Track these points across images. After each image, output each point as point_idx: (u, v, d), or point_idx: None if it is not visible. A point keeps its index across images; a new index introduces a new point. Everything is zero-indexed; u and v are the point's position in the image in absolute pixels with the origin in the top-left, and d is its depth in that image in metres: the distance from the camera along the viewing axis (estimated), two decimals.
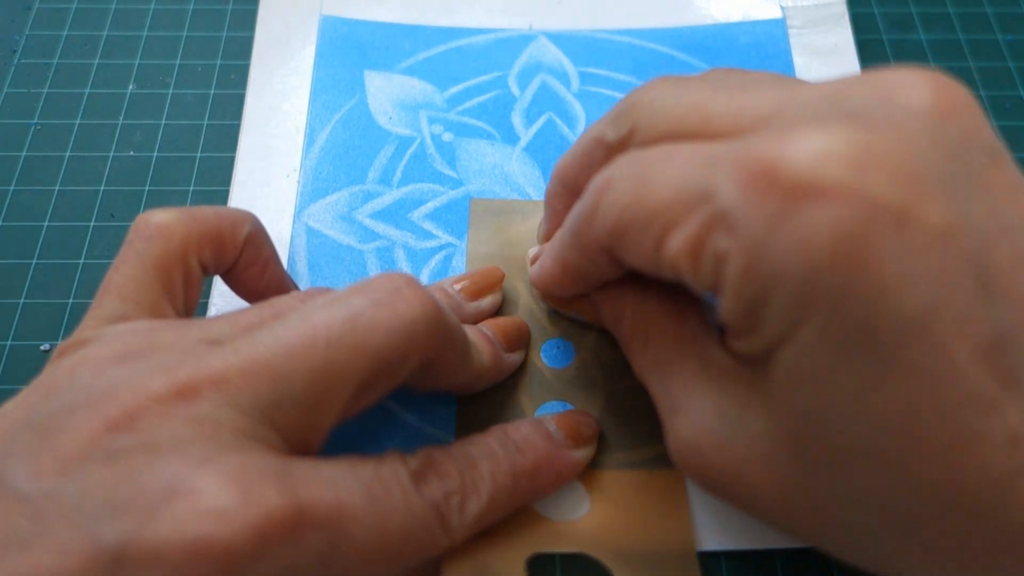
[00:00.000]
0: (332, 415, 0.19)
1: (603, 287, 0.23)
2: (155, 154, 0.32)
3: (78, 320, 0.21)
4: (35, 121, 0.33)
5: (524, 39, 0.34)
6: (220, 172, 0.31)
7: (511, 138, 0.32)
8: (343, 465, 0.18)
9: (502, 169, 0.31)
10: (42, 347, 0.27)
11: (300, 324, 0.18)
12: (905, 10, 0.36)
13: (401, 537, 0.18)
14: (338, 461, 0.19)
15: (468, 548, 0.21)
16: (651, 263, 0.18)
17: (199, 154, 0.32)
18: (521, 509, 0.23)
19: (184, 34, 0.35)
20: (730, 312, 0.17)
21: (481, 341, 0.24)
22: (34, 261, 0.29)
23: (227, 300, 0.25)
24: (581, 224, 0.20)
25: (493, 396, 0.26)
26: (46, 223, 0.30)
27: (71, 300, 0.28)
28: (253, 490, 0.16)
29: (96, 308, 0.21)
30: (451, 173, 0.31)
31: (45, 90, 0.33)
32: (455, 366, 0.22)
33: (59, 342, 0.28)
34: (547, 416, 0.24)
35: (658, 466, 0.25)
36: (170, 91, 0.33)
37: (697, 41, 0.34)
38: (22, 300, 0.28)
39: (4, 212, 0.30)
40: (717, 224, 0.16)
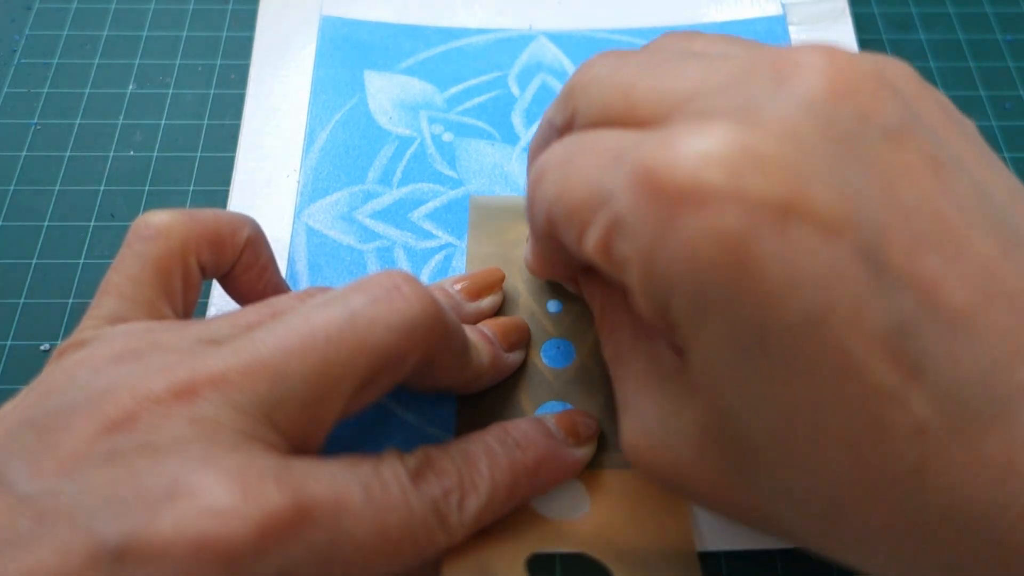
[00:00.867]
0: (332, 414, 0.19)
1: (584, 272, 0.23)
2: (155, 154, 0.32)
3: (78, 320, 0.21)
4: (35, 121, 0.33)
5: (524, 39, 0.34)
6: (220, 172, 0.31)
7: (511, 138, 0.32)
8: (342, 464, 0.18)
9: (502, 169, 0.31)
10: (42, 347, 0.27)
11: (299, 323, 0.18)
12: (905, 10, 0.36)
13: (400, 535, 0.18)
14: (337, 460, 0.19)
15: (468, 547, 0.21)
16: (581, 256, 0.18)
17: (199, 154, 0.32)
18: (521, 508, 0.23)
19: (184, 34, 0.35)
20: (642, 312, 0.17)
21: (480, 341, 0.24)
22: (34, 261, 0.29)
23: (227, 300, 0.25)
24: (527, 212, 0.21)
25: (493, 396, 0.26)
26: (46, 223, 0.30)
27: (71, 300, 0.28)
28: (254, 489, 0.16)
29: (95, 308, 0.21)
30: (451, 173, 0.31)
31: (45, 90, 0.33)
32: (454, 365, 0.22)
33: (59, 342, 0.28)
34: (547, 415, 0.24)
35: None
36: (170, 91, 0.33)
37: None
38: (22, 300, 0.28)
39: (4, 212, 0.30)
40: (616, 228, 0.16)
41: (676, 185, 0.15)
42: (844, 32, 0.34)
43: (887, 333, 0.14)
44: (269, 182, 0.30)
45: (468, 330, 0.24)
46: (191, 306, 0.23)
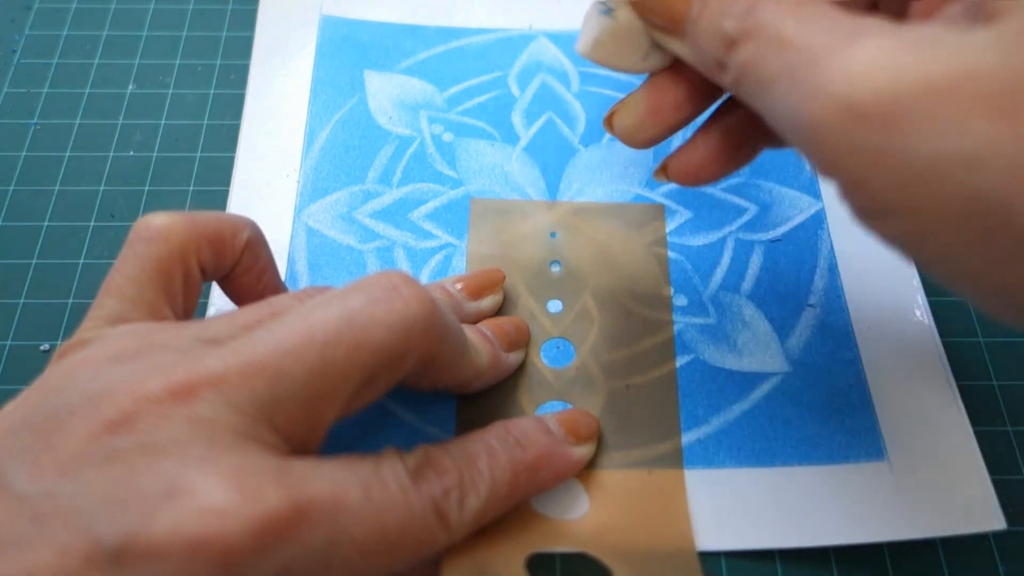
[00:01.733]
0: (330, 414, 0.19)
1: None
2: (155, 154, 0.32)
3: (78, 320, 0.21)
4: (35, 121, 0.33)
5: (524, 39, 0.34)
6: (220, 172, 0.31)
7: (511, 138, 0.32)
8: (341, 463, 0.18)
9: (502, 169, 0.31)
10: (42, 347, 0.27)
11: (297, 323, 0.18)
12: None
13: (400, 534, 0.18)
14: (336, 460, 0.19)
15: (468, 547, 0.21)
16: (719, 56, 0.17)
17: (199, 154, 0.32)
18: (521, 508, 0.23)
19: (184, 34, 0.35)
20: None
21: (480, 341, 0.24)
22: (34, 261, 0.29)
23: (227, 300, 0.25)
24: None
25: (493, 396, 0.26)
26: (46, 223, 0.30)
27: (71, 300, 0.28)
28: (251, 489, 0.16)
29: (96, 309, 0.21)
30: (451, 173, 0.31)
31: (45, 90, 0.33)
32: (453, 364, 0.22)
33: (59, 342, 0.28)
34: (547, 414, 0.24)
35: (658, 466, 0.25)
36: (170, 91, 0.33)
37: None
38: (22, 300, 0.28)
39: (4, 212, 0.30)
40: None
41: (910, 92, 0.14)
42: None
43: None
44: (269, 182, 0.30)
45: (467, 330, 0.24)
46: (191, 307, 0.23)
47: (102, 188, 0.31)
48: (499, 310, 0.27)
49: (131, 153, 0.32)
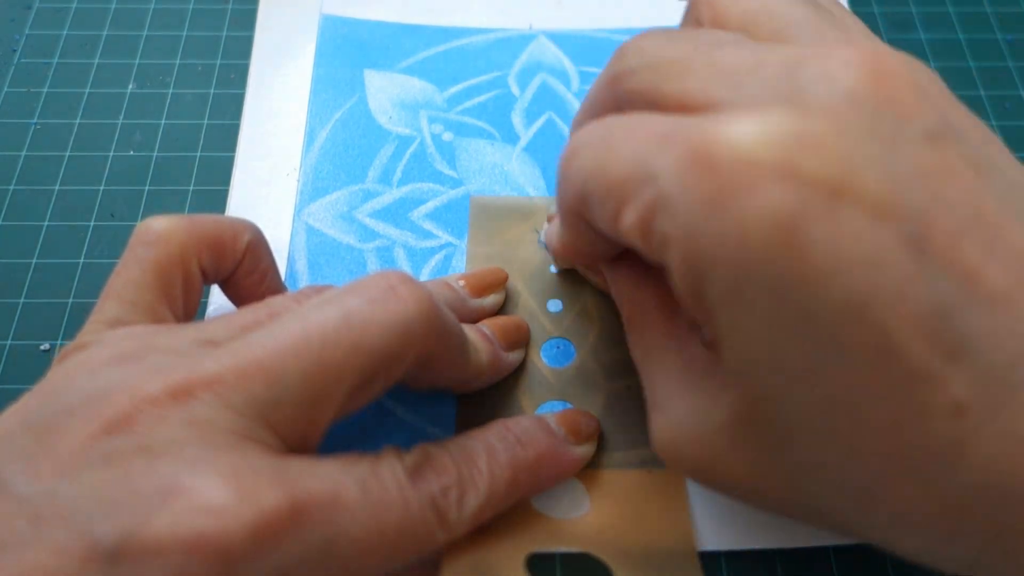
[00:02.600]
0: (328, 414, 0.19)
1: (610, 264, 0.23)
2: (155, 154, 0.32)
3: (78, 320, 0.21)
4: (35, 121, 0.33)
5: (524, 39, 0.34)
6: (220, 172, 0.31)
7: (511, 138, 0.32)
8: (339, 462, 0.18)
9: (502, 169, 0.31)
10: (42, 347, 0.27)
11: (295, 324, 0.18)
12: (905, 10, 0.36)
13: (398, 533, 0.18)
14: (334, 459, 0.19)
15: (467, 546, 0.21)
16: (615, 235, 0.18)
17: (199, 154, 0.32)
18: (521, 507, 0.23)
19: (184, 34, 0.35)
20: (680, 295, 0.17)
21: (479, 340, 0.24)
22: (34, 261, 0.29)
23: (227, 300, 0.25)
24: (557, 189, 0.21)
25: (493, 395, 0.26)
26: (46, 223, 0.30)
27: (71, 300, 0.28)
28: (249, 488, 0.16)
29: (97, 313, 0.21)
30: (451, 173, 0.31)
31: (45, 90, 0.33)
32: (452, 364, 0.22)
33: (59, 342, 0.28)
34: (547, 414, 0.24)
35: (658, 466, 0.24)
36: (170, 91, 0.33)
37: None
38: (22, 300, 0.28)
39: (4, 212, 0.30)
40: (660, 207, 0.16)
41: (730, 164, 0.15)
42: None
43: (928, 316, 0.14)
44: (269, 181, 0.30)
45: (467, 329, 0.24)
46: (192, 311, 0.23)
47: (102, 188, 0.31)
48: (499, 310, 0.27)
49: (131, 153, 0.32)
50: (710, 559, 0.23)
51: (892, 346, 0.14)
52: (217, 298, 0.27)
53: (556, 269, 0.28)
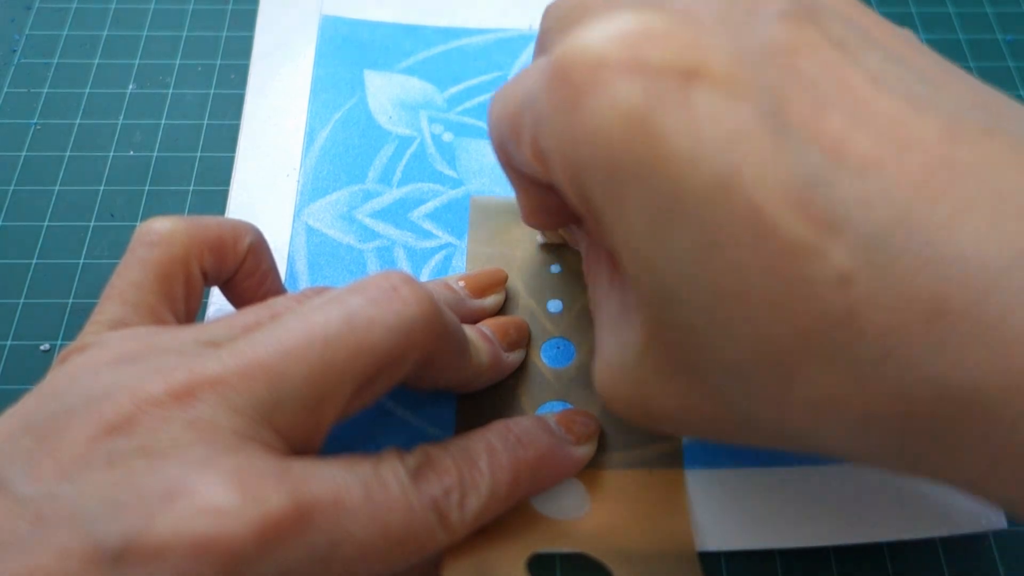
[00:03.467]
0: (331, 415, 0.19)
1: (576, 225, 0.23)
2: (155, 154, 0.32)
3: (78, 320, 0.21)
4: (35, 121, 0.33)
5: (524, 39, 0.34)
6: (220, 172, 0.31)
7: None
8: (342, 464, 0.18)
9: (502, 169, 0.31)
10: (42, 347, 0.27)
11: (297, 324, 0.18)
12: (905, 10, 0.36)
13: (401, 534, 0.18)
14: (337, 460, 0.19)
15: (468, 547, 0.21)
16: (529, 171, 0.19)
17: (199, 154, 0.32)
18: (522, 508, 0.23)
19: (184, 34, 0.35)
20: (577, 211, 0.18)
21: (480, 340, 0.24)
22: (34, 261, 0.29)
23: (227, 302, 0.25)
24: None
25: (493, 395, 0.26)
26: (46, 223, 0.30)
27: (71, 300, 0.28)
28: (252, 490, 0.16)
29: (98, 314, 0.21)
30: (451, 173, 0.31)
31: (45, 90, 0.33)
32: (453, 364, 0.22)
33: (59, 342, 0.28)
34: (548, 414, 0.24)
35: (658, 466, 0.25)
36: (170, 91, 0.33)
37: None
38: (22, 300, 0.28)
39: (4, 212, 0.30)
40: (539, 125, 0.17)
41: (578, 66, 0.15)
42: None
43: (797, 189, 0.14)
44: (269, 181, 0.30)
45: (468, 329, 0.24)
46: (193, 312, 0.23)
47: (102, 188, 0.31)
48: (500, 310, 0.27)
49: (131, 153, 0.32)
50: (710, 559, 0.23)
51: (764, 222, 0.14)
52: (217, 299, 0.27)
53: (542, 240, 0.28)
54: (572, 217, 0.23)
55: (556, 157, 0.17)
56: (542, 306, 0.28)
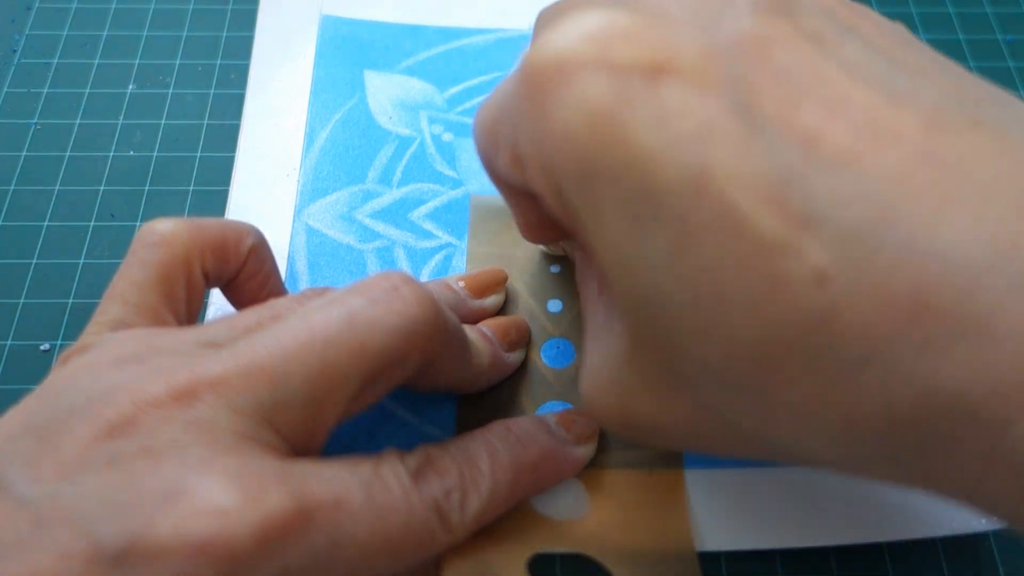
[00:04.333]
0: (332, 415, 0.19)
1: (569, 238, 0.23)
2: (155, 154, 0.32)
3: (78, 320, 0.21)
4: (35, 121, 0.33)
5: (524, 39, 0.34)
6: (220, 172, 0.31)
7: None
8: (342, 465, 0.18)
9: None
10: (42, 347, 0.27)
11: (298, 325, 0.18)
12: (905, 10, 0.36)
13: (401, 535, 0.18)
14: (338, 461, 0.19)
15: (469, 548, 0.21)
16: (514, 182, 0.19)
17: (199, 154, 0.32)
18: (522, 508, 0.23)
19: (184, 34, 0.35)
20: (556, 216, 0.17)
21: (480, 340, 0.24)
22: (34, 261, 0.29)
23: (227, 303, 0.25)
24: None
25: (493, 396, 0.26)
26: (46, 223, 0.30)
27: (71, 300, 0.28)
28: (254, 490, 0.16)
29: (99, 315, 0.21)
30: (451, 173, 0.31)
31: (45, 90, 0.33)
32: (454, 365, 0.22)
33: (59, 342, 0.28)
34: (548, 414, 0.24)
35: (658, 466, 0.25)
36: (170, 91, 0.33)
37: None
38: (22, 300, 0.28)
39: (4, 212, 0.30)
40: (515, 132, 0.17)
41: (546, 67, 0.15)
42: None
43: (771, 183, 0.14)
44: (269, 182, 0.30)
45: (468, 330, 0.24)
46: (194, 313, 0.23)
47: (102, 188, 0.31)
48: (500, 310, 0.27)
49: (131, 153, 0.32)
50: (710, 559, 0.23)
51: (738, 218, 0.14)
52: (218, 300, 0.27)
53: (544, 249, 0.28)
54: (568, 230, 0.23)
55: (531, 161, 0.17)
56: (542, 306, 0.28)
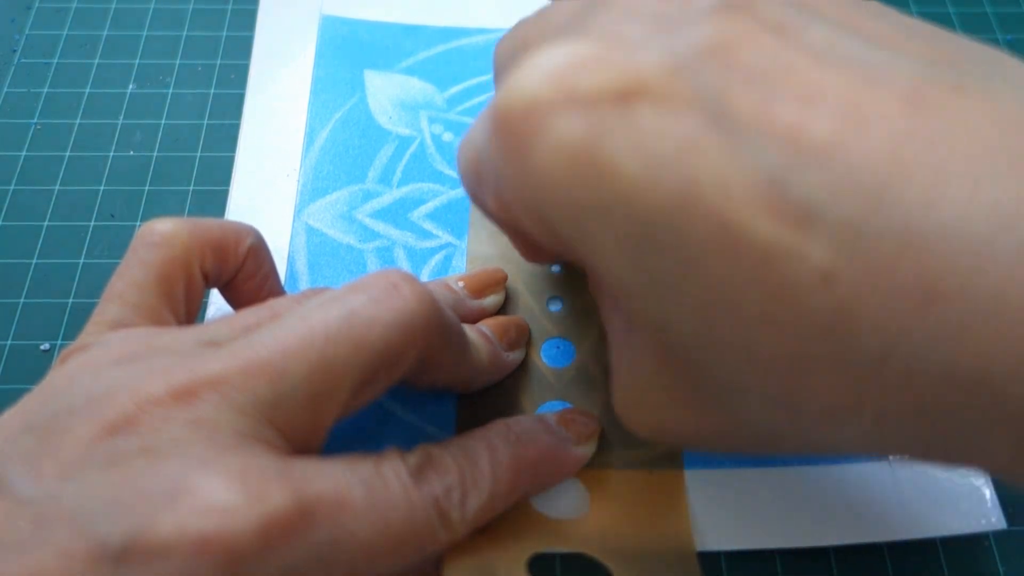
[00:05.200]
0: (331, 412, 0.19)
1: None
2: (155, 154, 0.32)
3: (78, 320, 0.21)
4: (35, 121, 0.33)
5: None
6: (220, 172, 0.31)
7: None
8: (343, 463, 0.18)
9: None
10: (42, 347, 0.27)
11: (297, 323, 0.19)
12: (905, 10, 0.36)
13: (402, 533, 0.18)
14: (338, 459, 0.19)
15: (468, 547, 0.21)
16: (503, 220, 0.19)
17: (199, 154, 0.32)
18: (522, 508, 0.23)
19: (184, 34, 0.35)
20: (552, 249, 0.17)
21: (479, 339, 0.24)
22: (34, 261, 0.29)
23: (226, 302, 0.25)
24: None
25: (493, 395, 0.26)
26: (46, 223, 0.30)
27: (71, 300, 0.28)
28: (255, 488, 0.16)
29: (98, 314, 0.21)
30: (451, 173, 0.31)
31: (45, 90, 0.33)
32: (453, 362, 0.22)
33: (59, 342, 0.28)
34: (548, 413, 0.24)
35: (658, 466, 0.25)
36: (170, 91, 0.33)
37: None
38: (22, 300, 0.28)
39: (4, 212, 0.30)
40: (497, 180, 0.17)
41: (515, 113, 0.15)
42: None
43: (758, 188, 0.13)
44: (269, 181, 0.30)
45: (467, 329, 0.24)
46: (193, 313, 0.23)
47: (102, 188, 0.31)
48: (500, 310, 0.27)
49: (131, 153, 0.32)
50: (710, 559, 0.23)
51: (734, 230, 0.13)
52: (216, 300, 0.27)
53: (558, 269, 0.28)
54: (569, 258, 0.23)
55: (518, 208, 0.16)
56: (542, 306, 0.28)
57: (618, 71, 0.14)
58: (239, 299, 0.24)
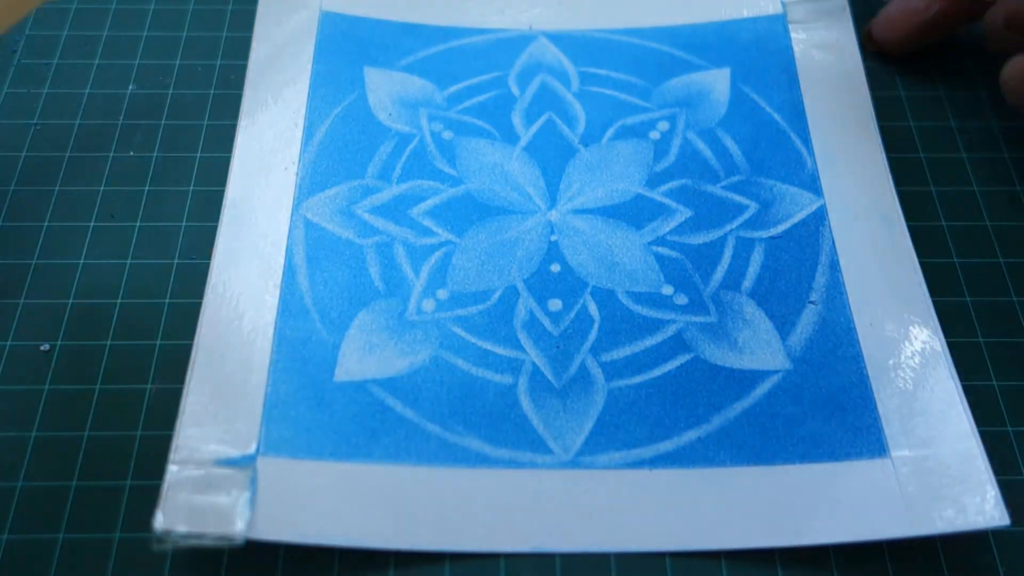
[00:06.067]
0: None
1: None
2: (155, 154, 0.32)
3: (78, 320, 0.21)
4: (35, 121, 0.33)
5: (524, 39, 0.34)
6: (220, 172, 0.31)
7: (511, 138, 0.31)
8: None
9: (502, 168, 0.31)
10: (42, 347, 0.27)
11: None
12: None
13: None
14: None
15: None
16: None
17: (199, 154, 0.32)
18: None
19: (184, 34, 0.35)
20: None
21: None
22: (34, 261, 0.29)
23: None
24: None
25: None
26: (46, 223, 0.30)
27: (71, 300, 0.28)
28: None
29: None
30: (451, 171, 0.31)
31: (45, 90, 0.33)
32: None
33: (59, 342, 0.27)
34: None
35: (658, 466, 0.24)
36: (170, 91, 0.33)
37: (697, 39, 0.34)
38: (22, 300, 0.28)
39: (4, 212, 0.30)
40: None
41: None
42: (844, 31, 0.34)
43: None
44: (267, 174, 0.30)
45: None
46: None
47: (102, 188, 0.31)
48: (499, 310, 0.27)
49: (131, 153, 0.32)
50: (711, 559, 0.23)
51: None
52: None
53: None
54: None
55: None
56: (542, 306, 0.28)
57: None
58: None
